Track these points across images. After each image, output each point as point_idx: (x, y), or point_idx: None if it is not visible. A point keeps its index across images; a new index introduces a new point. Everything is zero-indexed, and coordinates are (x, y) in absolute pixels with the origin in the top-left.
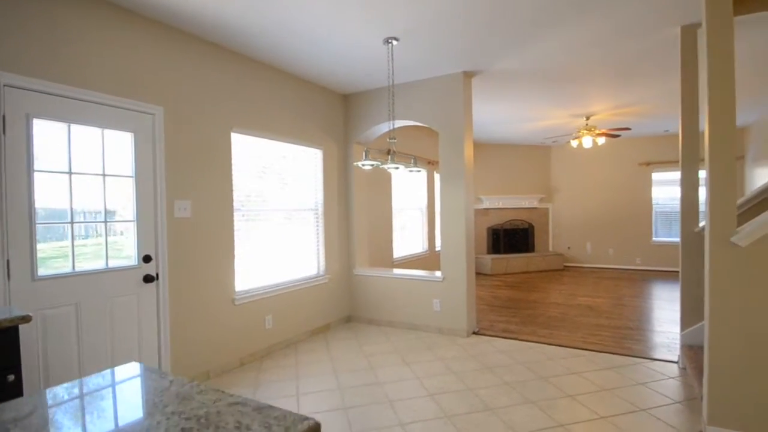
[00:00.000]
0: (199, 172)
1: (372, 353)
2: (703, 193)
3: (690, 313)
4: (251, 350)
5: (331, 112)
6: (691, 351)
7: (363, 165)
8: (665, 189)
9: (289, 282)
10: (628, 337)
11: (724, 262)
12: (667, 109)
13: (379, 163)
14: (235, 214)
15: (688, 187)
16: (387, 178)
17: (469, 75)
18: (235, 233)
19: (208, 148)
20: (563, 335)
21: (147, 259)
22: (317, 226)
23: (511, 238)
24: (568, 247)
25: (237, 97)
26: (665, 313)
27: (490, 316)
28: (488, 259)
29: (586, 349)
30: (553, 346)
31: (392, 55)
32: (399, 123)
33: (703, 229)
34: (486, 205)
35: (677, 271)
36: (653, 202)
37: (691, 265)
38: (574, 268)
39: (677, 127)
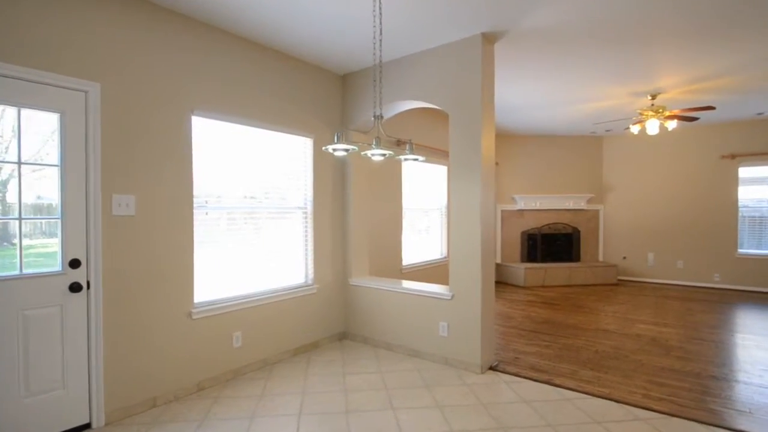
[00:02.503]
0: (147, 162)
1: (355, 388)
2: None
3: None
4: (213, 373)
5: (326, 95)
6: None
7: (334, 150)
8: (757, 188)
9: (266, 292)
10: (712, 393)
11: None
12: (766, 81)
13: (355, 148)
14: (196, 212)
15: None
16: (396, 173)
17: (489, 39)
18: (196, 235)
19: (160, 134)
20: (616, 382)
21: (75, 263)
22: (306, 227)
23: (550, 244)
24: (624, 257)
25: (200, 73)
26: (764, 355)
27: (516, 344)
28: (521, 268)
29: (649, 409)
30: (601, 399)
31: (380, 9)
32: (410, 104)
33: None
34: (521, 205)
35: None
36: (739, 204)
37: None
38: (631, 283)
39: None
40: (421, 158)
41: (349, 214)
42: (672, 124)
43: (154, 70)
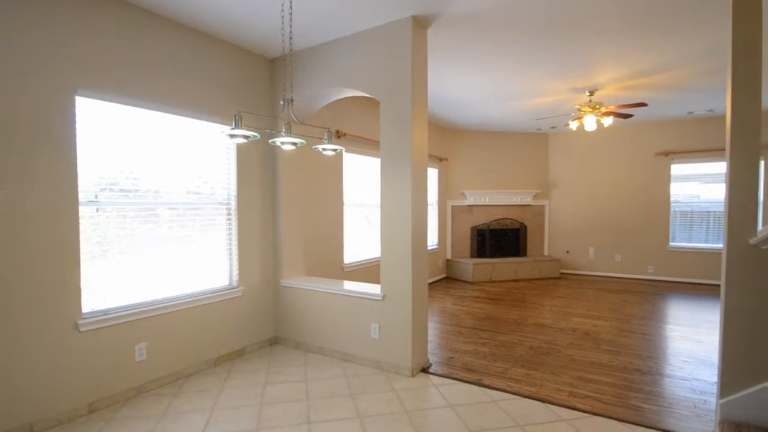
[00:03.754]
0: (14, 151)
1: (272, 401)
2: None
3: (737, 371)
4: (110, 391)
5: (253, 80)
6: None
7: (232, 136)
8: (688, 184)
9: (180, 297)
10: (636, 388)
11: None
12: (698, 79)
13: (256, 135)
14: (83, 208)
15: (741, 182)
16: (337, 167)
17: (421, 22)
18: (85, 234)
19: (31, 117)
20: (545, 379)
21: None
22: (230, 224)
23: (498, 239)
24: (567, 252)
25: (89, 49)
26: (688, 346)
27: (454, 342)
28: (470, 264)
29: (573, 408)
30: (527, 400)
31: None
32: (341, 92)
33: (766, 240)
34: (470, 201)
35: (697, 284)
36: (672, 199)
37: (743, 293)
38: (573, 276)
39: (705, 108)
40: (340, 148)
41: (280, 210)
42: (608, 121)
43: (22, 42)
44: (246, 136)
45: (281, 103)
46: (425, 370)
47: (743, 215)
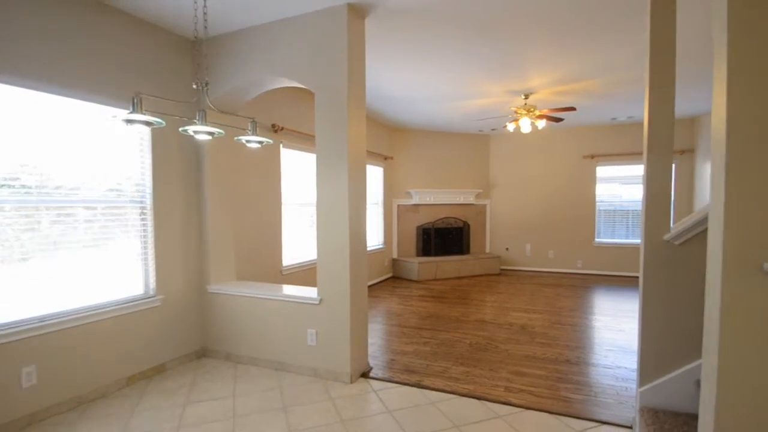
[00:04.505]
0: None
1: (193, 422)
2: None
3: (654, 360)
4: None
5: (172, 64)
6: (656, 419)
7: (128, 122)
8: (611, 185)
9: (80, 310)
10: (566, 379)
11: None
12: (619, 87)
13: (160, 122)
14: None
15: (656, 183)
16: (274, 163)
17: (357, 12)
18: None
19: None
20: (482, 376)
21: None
22: (145, 225)
23: (443, 238)
24: (507, 249)
25: None
26: (610, 336)
27: (396, 343)
28: (415, 263)
29: (508, 404)
30: (465, 399)
31: None
32: (271, 81)
33: (678, 236)
34: (416, 200)
35: (619, 276)
36: (597, 199)
37: (658, 285)
38: (512, 272)
39: (626, 115)
40: (267, 141)
41: (207, 210)
42: (541, 123)
43: None
44: (149, 123)
45: (194, 87)
46: (365, 374)
47: (658, 213)
